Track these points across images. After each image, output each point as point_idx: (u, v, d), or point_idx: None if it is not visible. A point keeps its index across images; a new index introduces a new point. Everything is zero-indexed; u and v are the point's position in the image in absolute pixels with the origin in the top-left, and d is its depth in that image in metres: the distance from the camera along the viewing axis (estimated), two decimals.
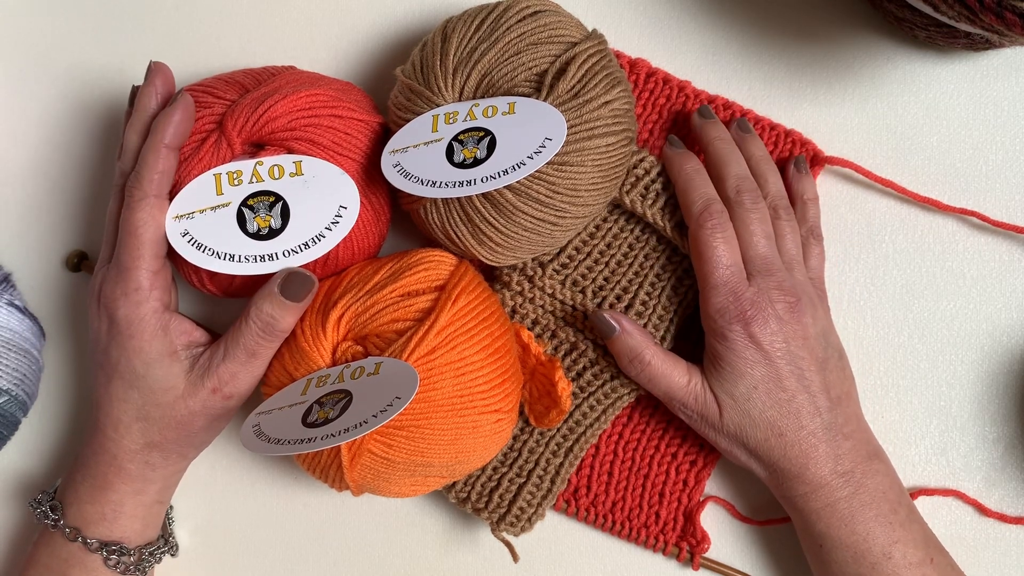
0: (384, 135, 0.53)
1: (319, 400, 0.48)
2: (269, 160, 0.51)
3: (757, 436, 0.53)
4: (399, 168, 0.50)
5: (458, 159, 0.49)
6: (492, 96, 0.51)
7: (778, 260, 0.54)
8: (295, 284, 0.50)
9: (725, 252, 0.53)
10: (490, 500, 0.57)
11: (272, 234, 0.50)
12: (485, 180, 0.48)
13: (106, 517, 0.53)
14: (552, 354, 0.58)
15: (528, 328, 0.57)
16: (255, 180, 0.50)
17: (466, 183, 0.49)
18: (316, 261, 0.52)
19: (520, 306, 0.57)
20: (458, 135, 0.50)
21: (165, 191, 0.50)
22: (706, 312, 0.53)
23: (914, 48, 0.60)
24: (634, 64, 0.59)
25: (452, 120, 0.50)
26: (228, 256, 0.49)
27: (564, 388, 0.55)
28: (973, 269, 0.60)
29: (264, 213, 0.50)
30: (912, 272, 0.60)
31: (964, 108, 0.60)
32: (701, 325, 0.54)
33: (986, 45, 0.57)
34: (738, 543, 0.60)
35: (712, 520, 0.60)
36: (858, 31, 0.60)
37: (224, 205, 0.50)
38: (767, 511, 0.59)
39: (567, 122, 0.49)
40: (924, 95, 0.60)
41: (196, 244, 0.49)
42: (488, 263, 0.54)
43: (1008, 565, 0.59)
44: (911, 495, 0.58)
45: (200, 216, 0.50)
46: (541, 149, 0.48)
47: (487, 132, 0.49)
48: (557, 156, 0.50)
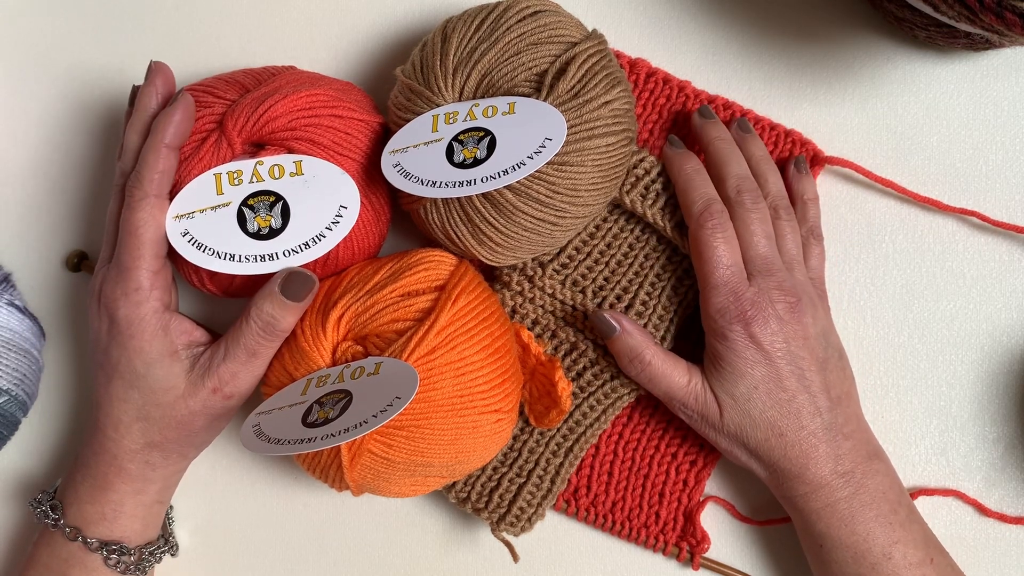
0: (384, 135, 0.53)
1: (319, 400, 0.48)
2: (269, 160, 0.51)
3: (757, 436, 0.53)
4: (399, 168, 0.50)
5: (458, 159, 0.49)
6: (492, 96, 0.51)
7: (778, 260, 0.54)
8: (296, 284, 0.50)
9: (725, 252, 0.53)
10: (490, 500, 0.57)
11: (272, 234, 0.50)
12: (485, 180, 0.48)
13: (106, 517, 0.53)
14: (552, 354, 0.58)
15: (528, 328, 0.57)
16: (255, 180, 0.50)
17: (466, 183, 0.49)
18: (316, 261, 0.52)
19: (520, 306, 0.57)
20: (458, 135, 0.50)
21: (165, 191, 0.50)
22: (706, 312, 0.53)
23: (914, 48, 0.60)
24: (634, 64, 0.59)
25: (452, 120, 0.50)
26: (228, 256, 0.49)
27: (564, 388, 0.55)
28: (973, 269, 0.60)
29: (264, 213, 0.50)
30: (912, 272, 0.60)
31: (964, 108, 0.60)
32: (701, 325, 0.54)
33: (986, 45, 0.57)
34: (738, 543, 0.60)
35: (712, 520, 0.60)
36: (858, 31, 0.60)
37: (224, 205, 0.50)
38: (767, 511, 0.59)
39: (567, 122, 0.49)
40: (924, 95, 0.60)
41: (196, 244, 0.49)
42: (488, 263, 0.54)
43: (1008, 565, 0.59)
44: (911, 495, 0.58)
45: (200, 216, 0.50)
46: (541, 149, 0.48)
47: (487, 132, 0.49)
48: (557, 156, 0.50)
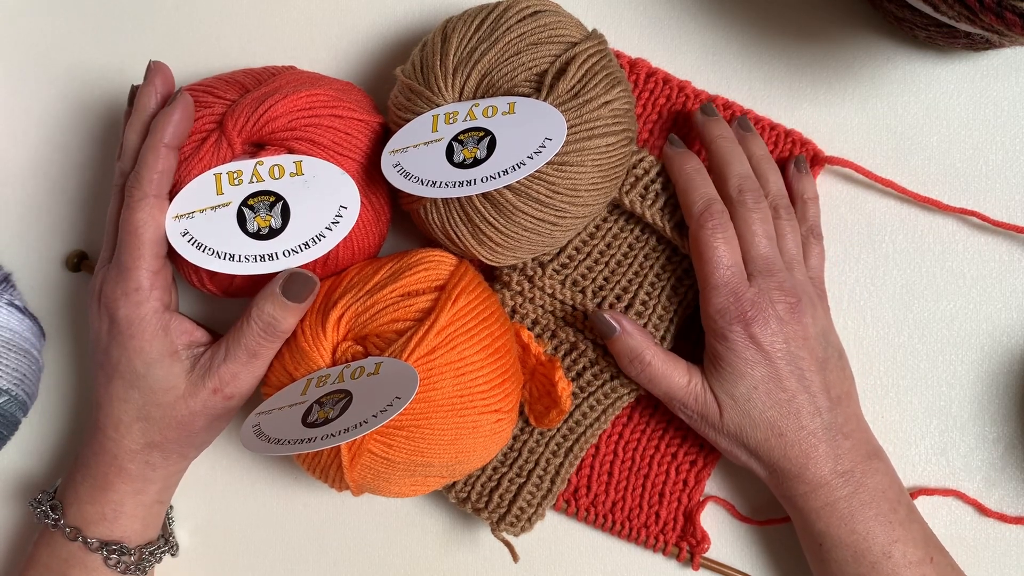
0: (384, 135, 0.53)
1: (319, 400, 0.48)
2: (269, 160, 0.51)
3: (757, 436, 0.53)
4: (399, 168, 0.50)
5: (458, 159, 0.49)
6: (492, 96, 0.51)
7: (779, 260, 0.54)
8: (297, 285, 0.50)
9: (726, 253, 0.53)
10: (490, 500, 0.57)
11: (272, 234, 0.50)
12: (485, 180, 0.48)
13: (106, 517, 0.53)
14: (552, 354, 0.58)
15: (528, 328, 0.57)
16: (255, 180, 0.50)
17: (466, 183, 0.49)
18: (316, 261, 0.52)
19: (520, 306, 0.57)
20: (458, 135, 0.50)
21: (165, 191, 0.50)
22: (706, 313, 0.53)
23: (914, 48, 0.60)
24: (634, 64, 0.59)
25: (452, 120, 0.50)
26: (228, 256, 0.49)
27: (564, 388, 0.55)
28: (973, 269, 0.60)
29: (264, 213, 0.50)
30: (912, 272, 0.60)
31: (964, 108, 0.60)
32: (701, 325, 0.54)
33: (986, 45, 0.57)
34: (738, 543, 0.60)
35: (712, 520, 0.60)
36: (858, 31, 0.60)
37: (224, 205, 0.50)
38: (767, 511, 0.59)
39: (567, 122, 0.49)
40: (924, 95, 0.60)
41: (196, 244, 0.49)
42: (488, 263, 0.54)
43: (1008, 565, 0.59)
44: (911, 495, 0.58)
45: (200, 216, 0.50)
46: (541, 149, 0.48)
47: (487, 132, 0.49)
48: (557, 156, 0.50)
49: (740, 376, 0.52)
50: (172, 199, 0.50)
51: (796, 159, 0.58)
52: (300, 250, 0.50)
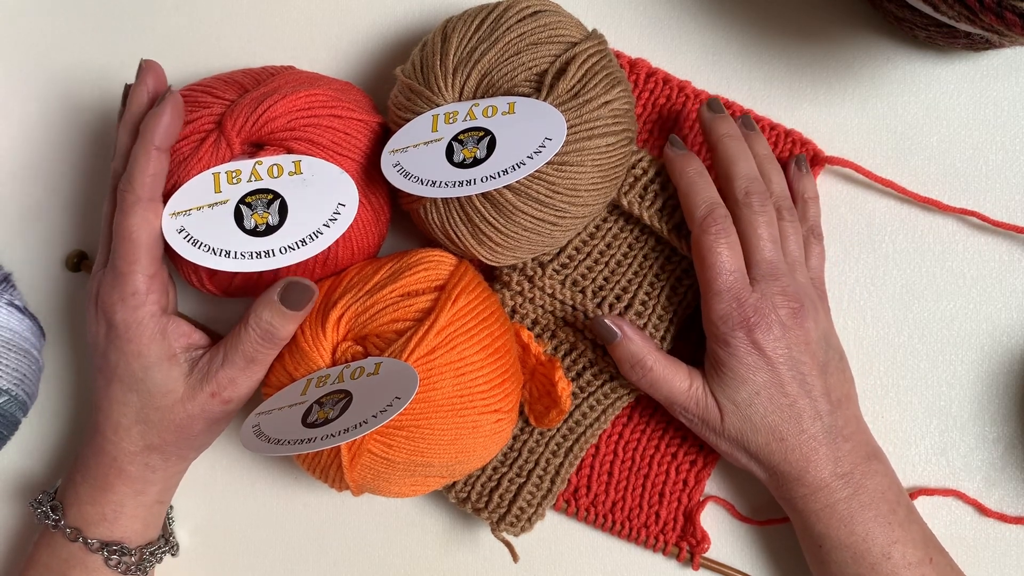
0: (384, 135, 0.53)
1: (319, 400, 0.48)
2: (268, 160, 0.50)
3: (758, 440, 0.53)
4: (399, 168, 0.50)
5: (458, 159, 0.49)
6: (492, 96, 0.51)
7: (783, 264, 0.53)
8: (295, 293, 0.50)
9: (729, 258, 0.52)
10: (490, 500, 0.57)
11: (269, 231, 0.50)
12: (485, 180, 0.48)
13: (107, 517, 0.53)
14: (552, 354, 0.58)
15: (528, 328, 0.57)
16: (254, 179, 0.50)
17: (466, 183, 0.49)
18: (316, 260, 0.52)
19: (520, 306, 0.57)
20: (458, 135, 0.50)
21: (158, 193, 0.49)
22: (708, 318, 0.53)
23: (914, 48, 0.60)
24: (634, 64, 0.59)
25: (452, 120, 0.50)
26: (224, 252, 0.49)
27: (564, 388, 0.55)
28: (973, 269, 0.60)
29: (262, 210, 0.50)
30: (912, 272, 0.60)
31: (964, 108, 0.60)
32: (701, 326, 0.54)
33: (986, 45, 0.57)
34: (738, 543, 0.60)
35: (712, 520, 0.60)
36: (858, 31, 0.60)
37: (222, 203, 0.50)
38: (767, 511, 0.59)
39: (567, 122, 0.49)
40: (924, 95, 0.60)
41: (192, 240, 0.49)
42: (488, 263, 0.54)
43: (1008, 565, 0.59)
44: (911, 495, 0.58)
45: (197, 213, 0.49)
46: (541, 149, 0.48)
47: (487, 132, 0.49)
48: (557, 156, 0.50)
49: (742, 381, 0.52)
50: (168, 199, 0.50)
51: (797, 158, 0.58)
52: (297, 247, 0.50)
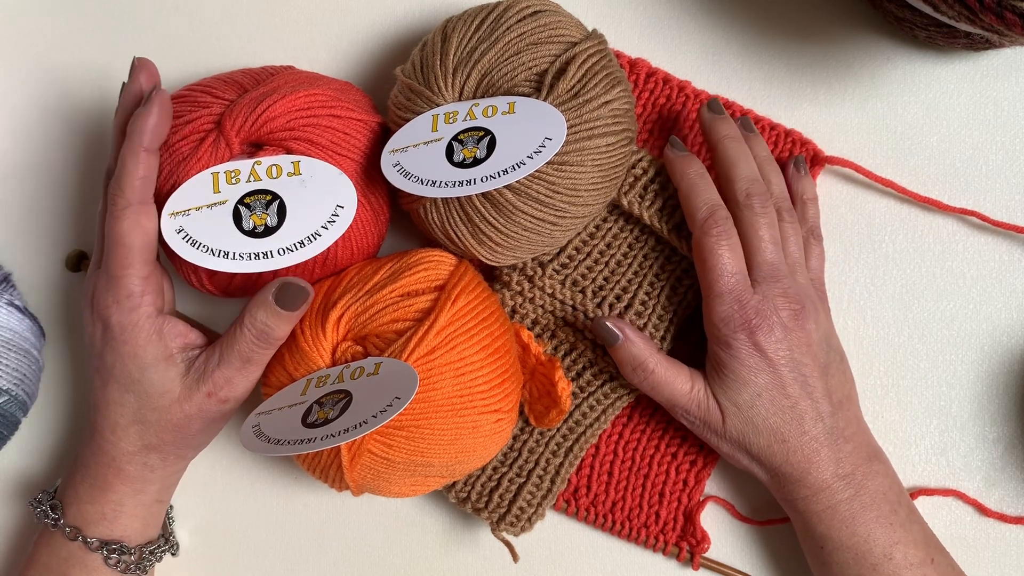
0: (383, 135, 0.53)
1: (319, 400, 0.48)
2: (267, 160, 0.50)
3: (760, 442, 0.53)
4: (399, 168, 0.50)
5: (458, 159, 0.49)
6: (492, 96, 0.51)
7: (784, 266, 0.53)
8: (290, 294, 0.49)
9: (730, 260, 0.52)
10: (490, 500, 0.57)
11: (268, 232, 0.50)
12: (485, 180, 0.48)
13: (106, 517, 0.53)
14: (552, 354, 0.58)
15: (528, 328, 0.57)
16: (252, 179, 0.50)
17: (466, 183, 0.49)
18: (315, 260, 0.52)
19: (520, 306, 0.57)
20: (458, 135, 0.50)
21: (149, 196, 0.49)
22: (710, 320, 0.53)
23: (914, 48, 0.60)
24: (634, 64, 0.59)
25: (452, 120, 0.50)
26: (223, 253, 0.49)
27: (564, 388, 0.55)
28: (973, 269, 0.59)
29: (260, 211, 0.50)
30: (912, 272, 0.60)
31: (964, 108, 0.60)
32: (701, 327, 0.54)
33: (986, 45, 0.57)
34: (738, 543, 0.60)
35: (712, 520, 0.60)
36: (858, 31, 0.60)
37: (220, 203, 0.50)
38: (767, 511, 0.59)
39: (567, 122, 0.49)
40: (924, 95, 0.60)
41: (191, 241, 0.49)
42: (488, 263, 0.54)
43: (1008, 565, 0.59)
44: (911, 495, 0.58)
45: (196, 213, 0.49)
46: (541, 149, 0.48)
47: (487, 132, 0.49)
48: (557, 156, 0.50)
49: (744, 383, 0.52)
50: (167, 199, 0.50)
51: (795, 159, 0.58)
52: (295, 248, 0.50)
